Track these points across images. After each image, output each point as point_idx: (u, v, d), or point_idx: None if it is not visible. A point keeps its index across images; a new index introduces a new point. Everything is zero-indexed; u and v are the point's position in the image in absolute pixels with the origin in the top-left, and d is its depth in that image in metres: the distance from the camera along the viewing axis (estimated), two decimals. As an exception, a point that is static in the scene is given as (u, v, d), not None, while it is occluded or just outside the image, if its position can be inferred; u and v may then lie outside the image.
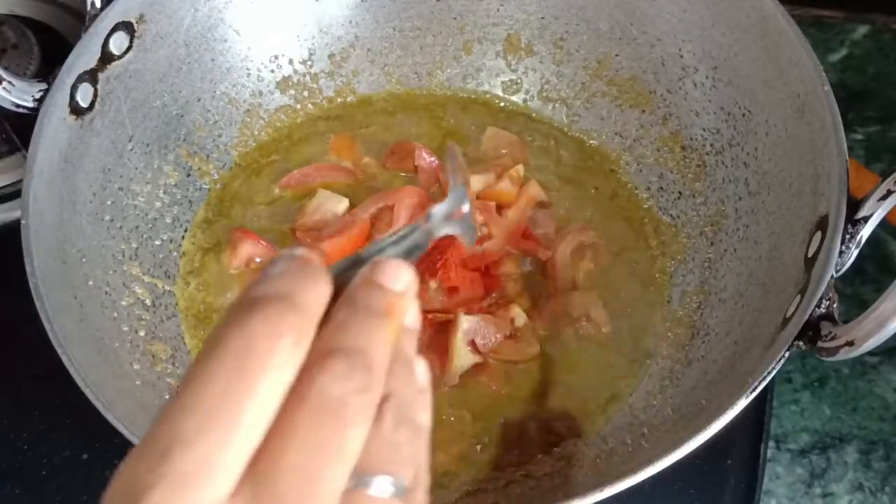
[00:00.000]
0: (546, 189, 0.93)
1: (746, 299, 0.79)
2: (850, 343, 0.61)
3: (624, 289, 0.88)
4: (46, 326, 0.68)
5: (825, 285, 0.65)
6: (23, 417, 0.86)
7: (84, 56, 0.80)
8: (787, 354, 0.64)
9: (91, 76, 0.81)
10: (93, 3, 0.82)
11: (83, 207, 0.81)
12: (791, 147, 0.78)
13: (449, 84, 1.03)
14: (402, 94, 1.02)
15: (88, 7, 0.82)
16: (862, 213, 0.67)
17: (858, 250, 0.68)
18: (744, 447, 0.84)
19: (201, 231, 0.92)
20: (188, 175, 0.93)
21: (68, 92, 0.78)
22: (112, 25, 0.82)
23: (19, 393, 0.88)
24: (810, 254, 0.69)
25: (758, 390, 0.63)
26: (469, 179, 0.89)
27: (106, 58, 0.82)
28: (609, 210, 0.94)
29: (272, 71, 0.98)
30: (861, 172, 0.97)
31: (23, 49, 1.01)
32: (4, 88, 0.76)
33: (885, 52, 1.17)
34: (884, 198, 0.66)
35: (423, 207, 0.89)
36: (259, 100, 0.98)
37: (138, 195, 0.88)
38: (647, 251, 0.91)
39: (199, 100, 0.93)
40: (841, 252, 0.66)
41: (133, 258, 0.85)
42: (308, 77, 1.00)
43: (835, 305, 0.65)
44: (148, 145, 0.89)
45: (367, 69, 1.01)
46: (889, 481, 0.87)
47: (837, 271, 0.66)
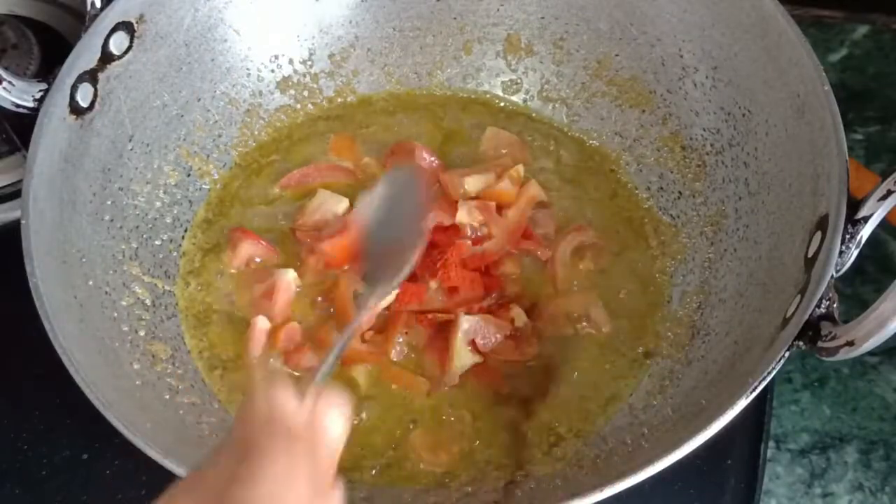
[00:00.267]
0: (546, 189, 0.93)
1: (746, 299, 0.79)
2: (851, 343, 0.61)
3: (624, 289, 0.88)
4: (46, 326, 0.68)
5: (825, 285, 0.65)
6: (23, 417, 0.86)
7: (84, 56, 0.80)
8: (787, 354, 0.64)
9: (91, 76, 0.81)
10: (93, 3, 0.82)
11: (83, 207, 0.81)
12: (791, 147, 0.78)
13: (449, 84, 1.03)
14: (402, 94, 1.02)
15: (88, 7, 0.82)
16: (862, 213, 0.67)
17: (858, 250, 0.68)
18: (744, 447, 0.84)
19: (201, 231, 0.92)
20: (188, 175, 0.93)
21: (68, 92, 0.78)
22: (112, 25, 0.82)
23: (19, 393, 0.88)
24: (810, 254, 0.69)
25: (758, 390, 0.63)
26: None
27: (106, 58, 0.82)
28: (609, 210, 0.94)
29: (272, 71, 0.98)
30: (861, 172, 0.97)
31: (23, 49, 1.01)
32: (4, 88, 0.76)
33: (885, 52, 1.16)
34: (884, 198, 0.66)
35: None
36: (259, 100, 0.98)
37: (138, 195, 0.88)
38: (647, 251, 0.91)
39: (199, 100, 0.93)
40: (841, 252, 0.66)
41: (133, 258, 0.85)
42: (308, 77, 1.00)
43: (835, 305, 0.65)
44: (148, 145, 0.89)
45: (367, 69, 1.01)
46: (889, 481, 0.87)
47: (837, 271, 0.66)
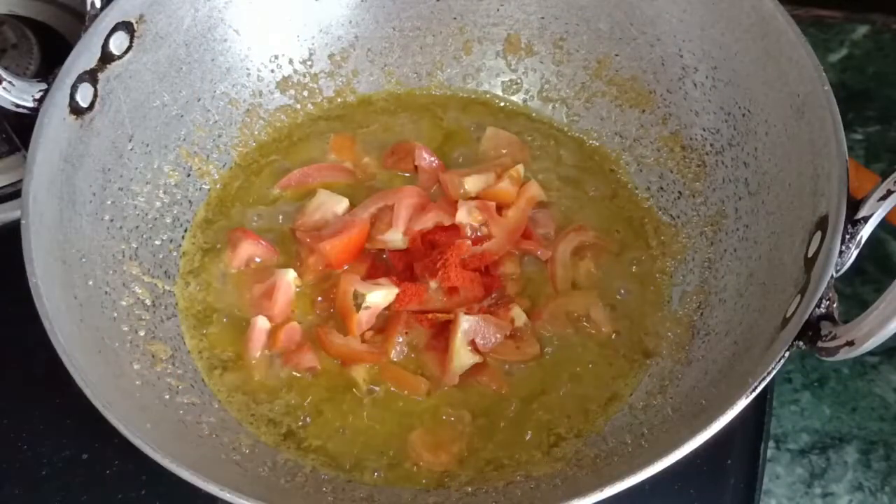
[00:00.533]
0: (546, 189, 0.93)
1: (746, 299, 0.79)
2: (851, 343, 0.61)
3: (624, 289, 0.88)
4: (46, 326, 0.68)
5: (825, 285, 0.65)
6: (23, 417, 0.86)
7: (84, 56, 0.80)
8: (787, 354, 0.64)
9: (91, 76, 0.81)
10: (93, 3, 0.82)
11: (83, 207, 0.81)
12: (791, 147, 0.78)
13: (449, 84, 1.03)
14: (402, 93, 1.02)
15: (88, 7, 0.82)
16: (862, 213, 0.67)
17: (858, 250, 0.67)
18: (744, 447, 0.84)
19: (201, 231, 0.92)
20: (188, 175, 0.93)
21: (68, 92, 0.78)
22: (112, 25, 0.82)
23: (19, 393, 0.88)
24: (810, 254, 0.69)
25: (758, 390, 0.63)
26: None
27: (106, 58, 0.82)
28: (609, 210, 0.94)
29: (272, 71, 0.98)
30: (861, 172, 0.97)
31: (23, 49, 1.01)
32: (4, 88, 0.76)
33: (885, 52, 1.17)
34: (884, 198, 0.66)
35: (423, 207, 0.89)
36: (259, 100, 0.98)
37: (138, 195, 0.88)
38: (647, 251, 0.91)
39: (199, 100, 0.93)
40: (841, 252, 0.66)
41: (133, 258, 0.85)
42: (308, 77, 1.00)
43: (835, 305, 0.65)
44: (148, 145, 0.89)
45: (367, 69, 1.01)
46: (889, 481, 0.87)
47: (837, 271, 0.66)
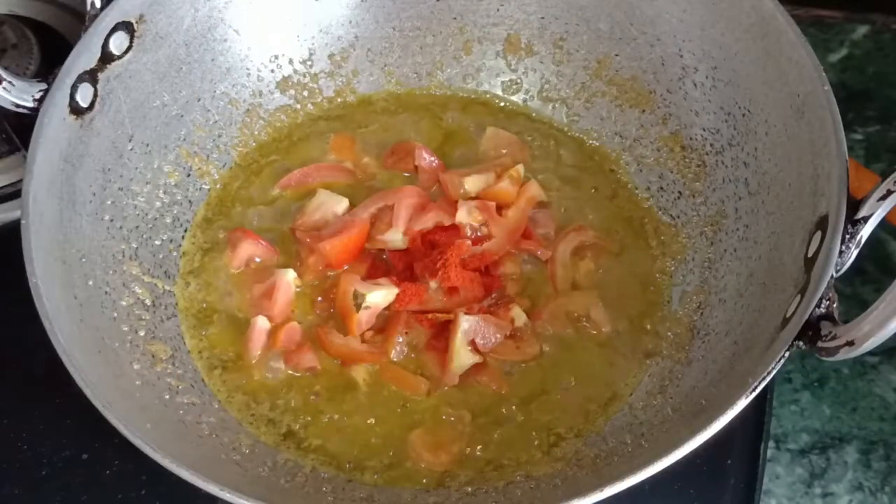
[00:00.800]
0: (546, 189, 0.93)
1: (746, 299, 0.79)
2: (851, 343, 0.61)
3: (624, 289, 0.88)
4: (46, 326, 0.68)
5: (825, 285, 0.65)
6: (23, 417, 0.86)
7: (84, 56, 0.80)
8: (787, 354, 0.64)
9: (91, 76, 0.81)
10: (93, 3, 0.82)
11: (83, 207, 0.81)
12: (791, 147, 0.78)
13: (449, 84, 1.03)
14: (402, 93, 1.02)
15: (88, 7, 0.82)
16: (862, 213, 0.67)
17: (858, 250, 0.67)
18: (744, 447, 0.84)
19: (201, 231, 0.92)
20: (188, 175, 0.93)
21: (68, 92, 0.78)
22: (112, 25, 0.82)
23: (19, 393, 0.88)
24: (810, 254, 0.69)
25: (758, 390, 0.63)
26: None
27: (106, 58, 0.82)
28: (609, 210, 0.94)
29: (272, 71, 0.98)
30: (861, 172, 0.97)
31: (23, 49, 1.01)
32: (4, 88, 0.76)
33: (885, 52, 1.17)
34: (883, 198, 0.66)
35: (423, 207, 0.89)
36: (259, 100, 0.98)
37: (138, 195, 0.88)
38: (647, 251, 0.91)
39: (199, 100, 0.93)
40: (841, 252, 0.66)
41: (133, 258, 0.85)
42: (308, 77, 1.00)
43: (835, 305, 0.65)
44: (148, 145, 0.89)
45: (367, 69, 1.01)
46: (889, 481, 0.87)
47: (837, 271, 0.66)
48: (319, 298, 0.87)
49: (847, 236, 0.67)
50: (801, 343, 0.64)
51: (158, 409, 0.75)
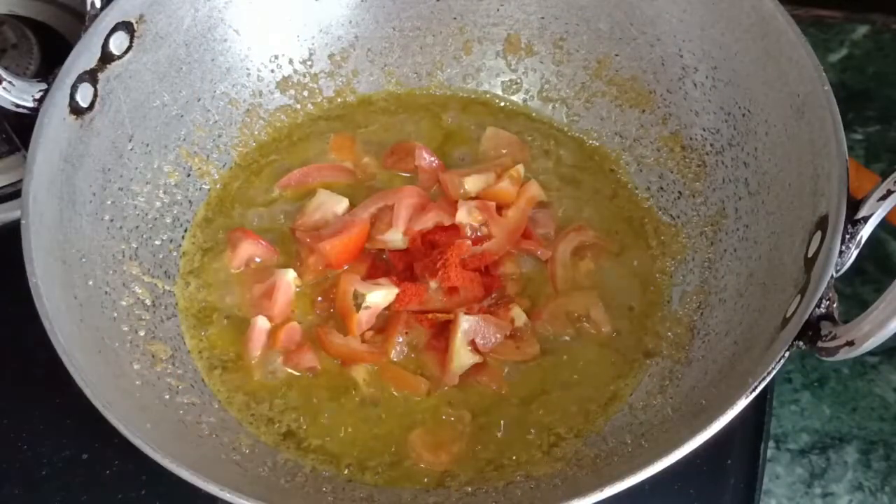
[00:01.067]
0: (546, 189, 0.93)
1: (746, 299, 0.79)
2: (851, 343, 0.61)
3: (624, 289, 0.88)
4: (46, 326, 0.68)
5: (825, 285, 0.64)
6: (23, 417, 0.86)
7: (84, 56, 0.80)
8: (788, 354, 0.64)
9: (91, 76, 0.81)
10: (93, 3, 0.82)
11: (83, 207, 0.81)
12: (791, 147, 0.78)
13: (449, 84, 1.03)
14: (402, 93, 1.02)
15: (88, 7, 0.82)
16: (862, 213, 0.67)
17: (858, 250, 0.67)
18: (744, 447, 0.84)
19: (201, 231, 0.92)
20: (188, 175, 0.93)
21: (68, 92, 0.78)
22: (112, 25, 0.82)
23: (19, 393, 0.88)
24: (810, 254, 0.69)
25: (758, 390, 0.63)
26: None
27: (106, 58, 0.82)
28: (609, 210, 0.94)
29: (272, 71, 0.98)
30: (861, 172, 0.97)
31: (23, 49, 1.01)
32: (4, 88, 0.76)
33: (885, 52, 1.17)
34: (883, 198, 0.66)
35: (423, 207, 0.89)
36: (259, 100, 0.98)
37: (138, 195, 0.88)
38: (647, 251, 0.91)
39: (199, 100, 0.93)
40: (841, 252, 0.66)
41: (133, 258, 0.85)
42: (308, 77, 1.00)
43: (834, 305, 0.65)
44: (148, 145, 0.89)
45: (367, 69, 1.01)
46: (889, 481, 0.87)
47: (837, 271, 0.66)
48: (319, 298, 0.87)
49: (847, 236, 0.66)
50: (801, 343, 0.64)
51: (158, 409, 0.75)
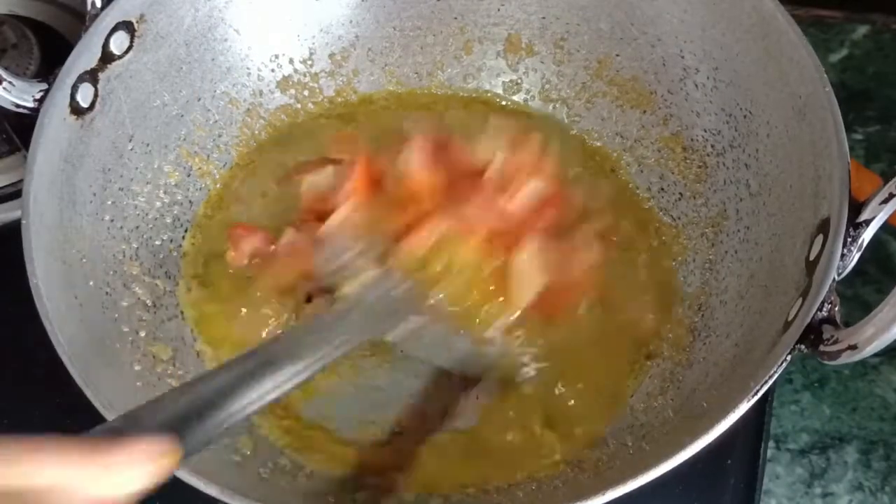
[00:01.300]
0: (546, 189, 0.93)
1: (748, 301, 0.78)
2: (853, 347, 0.61)
3: (624, 289, 0.88)
4: (46, 326, 0.68)
5: (827, 288, 0.64)
6: (23, 417, 0.86)
7: (84, 56, 0.80)
8: (789, 358, 0.64)
9: (91, 76, 0.81)
10: (93, 3, 0.81)
11: (83, 207, 0.81)
12: (792, 148, 0.78)
13: (449, 84, 1.02)
14: (402, 93, 1.02)
15: (88, 7, 0.81)
16: (864, 217, 0.66)
17: (860, 253, 0.67)
18: (744, 447, 0.84)
19: (202, 231, 0.91)
20: (188, 175, 0.93)
21: (68, 92, 0.78)
22: (112, 25, 0.82)
23: (19, 393, 0.88)
24: (812, 256, 0.69)
25: (760, 394, 0.62)
26: None
27: (106, 58, 0.82)
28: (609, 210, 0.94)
29: (272, 70, 0.98)
30: (861, 172, 0.97)
31: (23, 49, 1.01)
32: (4, 88, 0.75)
33: (885, 52, 1.17)
34: (886, 201, 0.66)
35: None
36: (259, 99, 0.98)
37: (138, 195, 0.87)
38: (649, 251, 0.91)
39: (199, 99, 0.93)
40: (843, 255, 0.66)
41: (133, 258, 0.85)
42: (308, 76, 1.00)
43: (837, 309, 0.65)
44: (148, 145, 0.89)
45: (367, 69, 1.01)
46: (889, 481, 0.88)
47: (839, 274, 0.66)
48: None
49: (849, 239, 0.66)
50: (802, 346, 0.64)
51: (159, 410, 0.75)
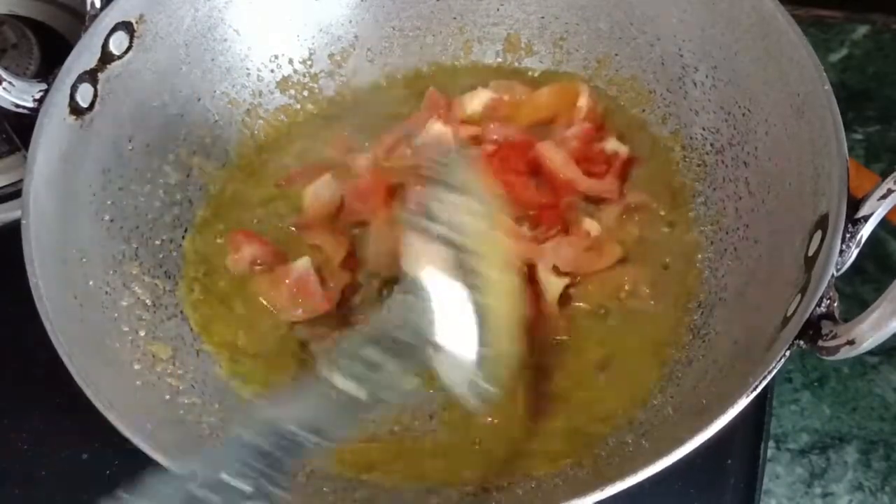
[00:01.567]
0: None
1: (747, 298, 0.78)
2: (851, 342, 0.61)
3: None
4: (46, 326, 0.68)
5: (826, 284, 0.64)
6: (23, 417, 0.86)
7: (84, 56, 0.80)
8: (788, 354, 0.64)
9: (91, 76, 0.81)
10: (93, 3, 0.82)
11: (83, 207, 0.81)
12: (791, 146, 0.78)
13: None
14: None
15: (88, 7, 0.82)
16: (862, 213, 0.67)
17: (858, 249, 0.67)
18: (744, 447, 0.84)
19: (201, 231, 0.91)
20: (188, 175, 0.93)
21: (68, 92, 0.78)
22: (112, 25, 0.82)
23: (19, 393, 0.88)
24: (810, 253, 0.69)
25: (758, 390, 0.62)
26: None
27: (106, 58, 0.82)
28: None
29: (272, 71, 0.98)
30: (861, 172, 0.97)
31: (23, 49, 1.01)
32: (4, 88, 0.76)
33: (885, 52, 1.17)
34: (884, 197, 0.66)
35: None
36: (259, 99, 0.98)
37: (138, 195, 0.88)
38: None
39: (199, 100, 0.93)
40: (841, 251, 0.66)
41: (133, 258, 0.85)
42: (308, 77, 1.00)
43: (835, 304, 0.65)
44: (148, 145, 0.89)
45: (367, 69, 1.01)
46: (889, 481, 0.87)
47: (838, 270, 0.66)
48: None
49: (847, 235, 0.66)
50: (801, 342, 0.64)
51: (159, 410, 0.75)
